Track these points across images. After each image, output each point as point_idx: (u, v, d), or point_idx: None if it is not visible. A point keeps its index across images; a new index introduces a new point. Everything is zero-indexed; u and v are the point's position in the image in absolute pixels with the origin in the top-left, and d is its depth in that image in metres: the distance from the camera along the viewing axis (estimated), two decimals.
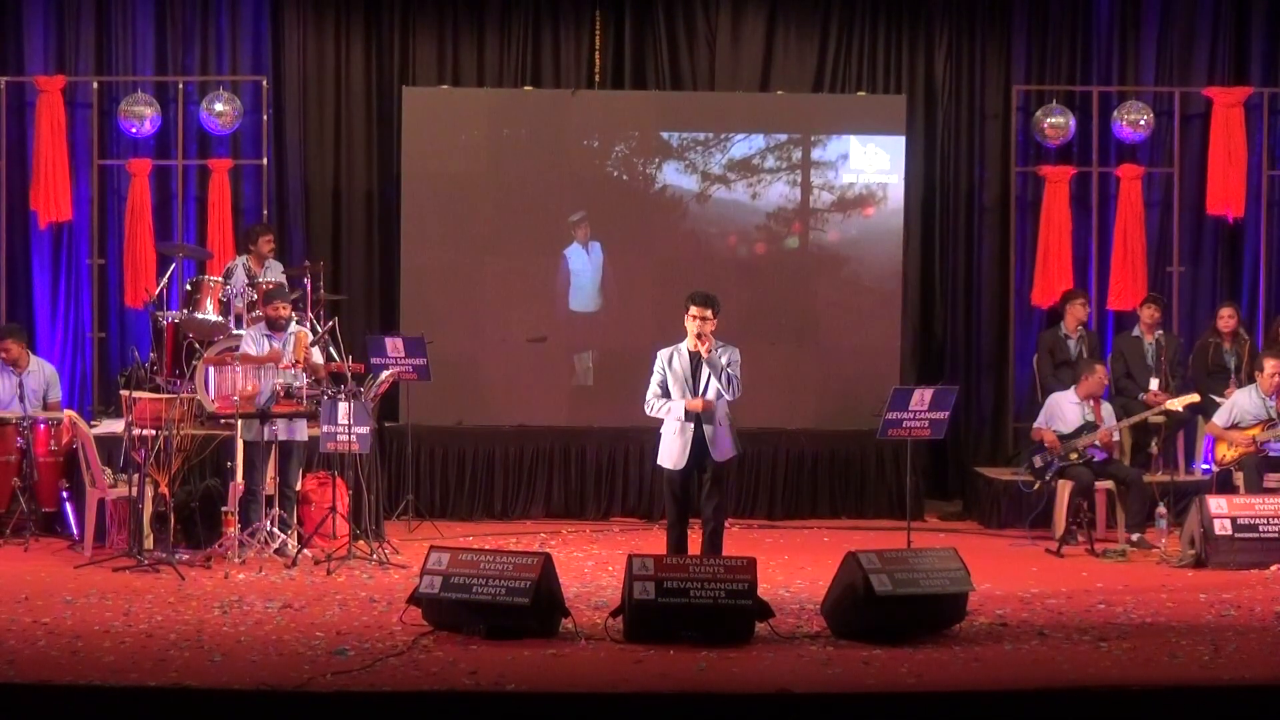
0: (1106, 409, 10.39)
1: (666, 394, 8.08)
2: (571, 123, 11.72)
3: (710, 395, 8.02)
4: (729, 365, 8.02)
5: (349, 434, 8.96)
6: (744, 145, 11.69)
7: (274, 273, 10.96)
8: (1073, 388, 10.40)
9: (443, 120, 11.70)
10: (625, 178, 11.71)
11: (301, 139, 12.12)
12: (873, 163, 11.69)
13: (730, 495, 10.11)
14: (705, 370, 8.03)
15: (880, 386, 10.43)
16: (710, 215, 11.69)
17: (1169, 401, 10.49)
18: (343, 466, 9.34)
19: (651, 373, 8.15)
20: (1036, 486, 10.32)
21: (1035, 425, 10.48)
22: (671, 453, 8.09)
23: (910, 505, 9.34)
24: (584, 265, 11.72)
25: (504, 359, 11.61)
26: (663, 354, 8.15)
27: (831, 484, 11.38)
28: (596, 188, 11.70)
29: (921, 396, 8.93)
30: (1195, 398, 10.51)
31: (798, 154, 11.68)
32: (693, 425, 8.04)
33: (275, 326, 9.57)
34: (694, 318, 8.05)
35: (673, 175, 11.68)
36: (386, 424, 11.05)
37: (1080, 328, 11.39)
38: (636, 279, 11.69)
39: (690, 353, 8.09)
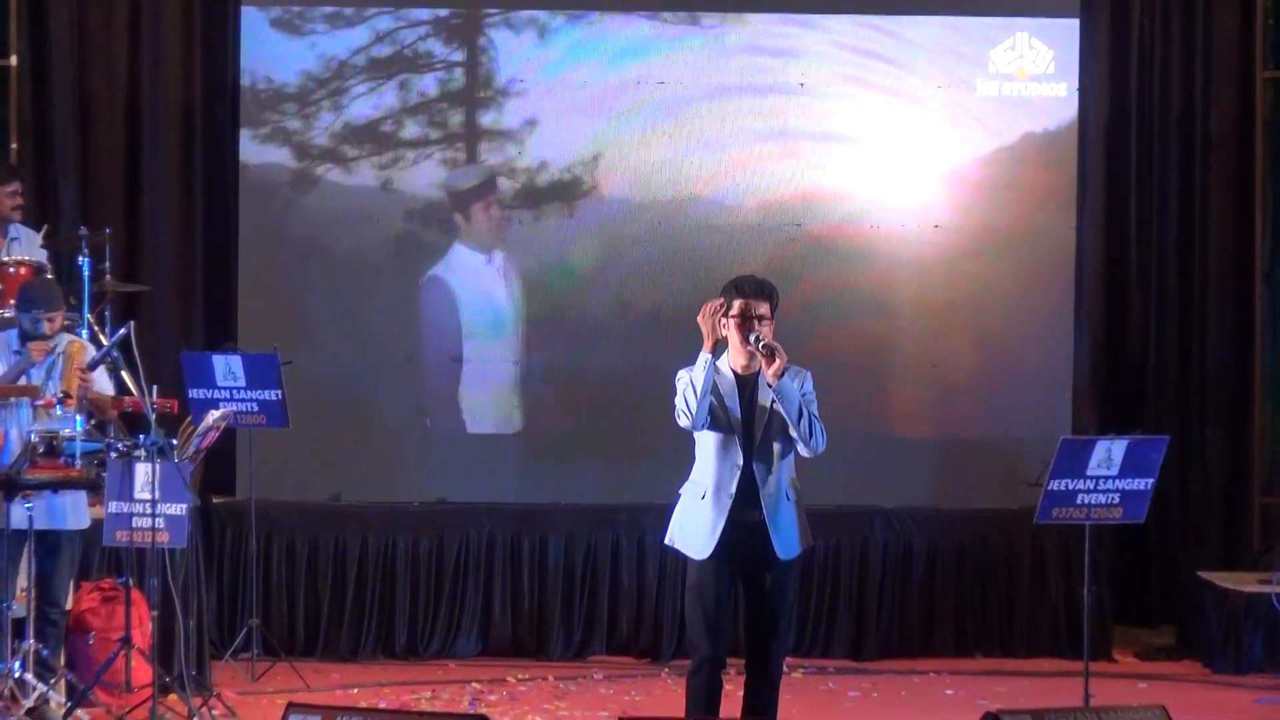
0: None
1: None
2: None
3: (776, 445, 7.85)
4: (804, 398, 7.86)
5: (153, 516, 8.90)
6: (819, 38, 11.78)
7: (27, 245, 10.90)
8: None
9: None
10: (631, 86, 11.78)
11: (75, 24, 12.11)
12: (1028, 64, 11.74)
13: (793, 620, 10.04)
14: (765, 400, 7.83)
15: (1040, 434, 10.51)
16: (733, 150, 11.81)
17: None
18: (142, 571, 9.30)
19: (673, 394, 7.90)
20: None
21: None
22: (698, 530, 7.80)
23: (1089, 634, 9.34)
24: (482, 287, 11.79)
25: (410, 389, 11.67)
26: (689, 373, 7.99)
27: (958, 600, 11.41)
28: (561, 108, 11.74)
29: (1108, 453, 8.96)
30: None
31: (894, 57, 11.80)
32: (735, 482, 7.79)
33: (35, 340, 9.48)
34: (745, 318, 7.87)
35: (680, 74, 11.72)
36: (216, 500, 11.07)
37: None
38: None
39: (737, 373, 7.92)
